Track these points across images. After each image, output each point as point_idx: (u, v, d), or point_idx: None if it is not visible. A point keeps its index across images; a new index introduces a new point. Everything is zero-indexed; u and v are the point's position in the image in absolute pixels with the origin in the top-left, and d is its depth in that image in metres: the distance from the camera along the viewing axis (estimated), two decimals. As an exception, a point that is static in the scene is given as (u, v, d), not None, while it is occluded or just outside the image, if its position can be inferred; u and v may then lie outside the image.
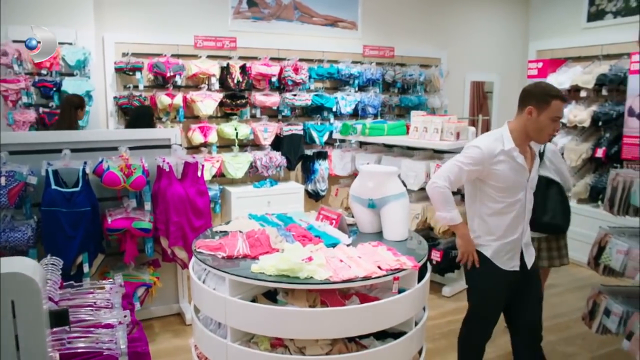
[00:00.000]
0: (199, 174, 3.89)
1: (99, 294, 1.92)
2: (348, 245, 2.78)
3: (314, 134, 6.51)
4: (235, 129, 6.11)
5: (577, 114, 5.48)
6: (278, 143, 6.40)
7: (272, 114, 6.44)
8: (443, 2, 7.52)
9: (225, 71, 6.02)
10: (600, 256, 3.16)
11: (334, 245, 2.75)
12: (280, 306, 2.47)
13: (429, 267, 2.89)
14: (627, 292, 3.18)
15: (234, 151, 6.22)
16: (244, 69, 6.08)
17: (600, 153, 5.27)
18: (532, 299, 2.81)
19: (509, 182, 2.59)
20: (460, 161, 2.60)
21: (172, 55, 5.86)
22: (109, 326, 1.68)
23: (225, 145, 6.22)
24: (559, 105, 2.51)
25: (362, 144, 5.29)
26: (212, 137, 6.00)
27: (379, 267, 2.46)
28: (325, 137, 6.56)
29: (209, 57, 6.04)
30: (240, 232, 2.98)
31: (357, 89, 6.73)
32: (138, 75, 5.65)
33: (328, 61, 6.64)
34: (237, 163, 6.13)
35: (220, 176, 6.12)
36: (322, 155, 6.57)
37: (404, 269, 2.48)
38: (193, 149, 6.03)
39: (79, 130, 4.61)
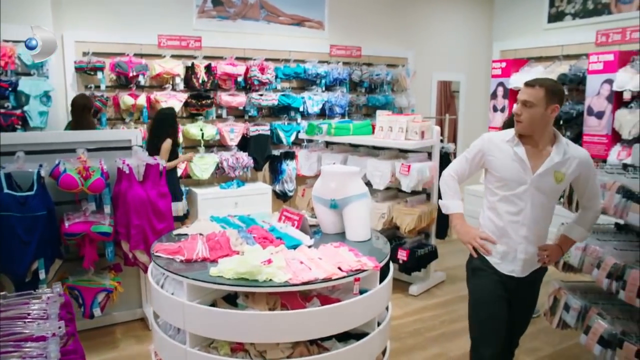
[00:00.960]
0: (160, 175, 3.80)
1: (35, 304, 1.83)
2: (310, 247, 2.75)
3: (281, 134, 6.47)
4: (201, 130, 6.03)
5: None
6: (245, 143, 6.35)
7: (239, 114, 6.37)
8: (409, 3, 7.57)
9: (190, 71, 5.94)
10: (560, 253, 3.20)
11: (295, 246, 2.72)
12: (240, 310, 2.43)
13: (392, 267, 2.88)
14: (585, 287, 3.24)
15: (200, 152, 6.14)
16: (209, 69, 6.00)
17: (561, 151, 5.37)
18: (519, 312, 2.66)
19: (505, 172, 2.47)
20: (465, 151, 2.66)
21: (135, 55, 5.74)
22: (41, 339, 1.60)
23: (191, 146, 6.13)
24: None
25: (328, 144, 5.28)
26: (178, 138, 5.89)
27: (340, 269, 2.44)
28: (293, 137, 6.53)
29: (173, 56, 5.95)
30: (201, 234, 2.93)
31: (324, 88, 6.72)
32: (100, 75, 5.52)
33: (295, 61, 6.61)
34: (203, 164, 6.05)
35: (186, 177, 6.03)
36: (290, 156, 6.54)
37: (364, 270, 2.47)
38: (158, 150, 5.92)
39: (35, 132, 4.48)
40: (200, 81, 5.93)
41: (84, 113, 4.85)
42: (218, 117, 6.28)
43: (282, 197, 6.57)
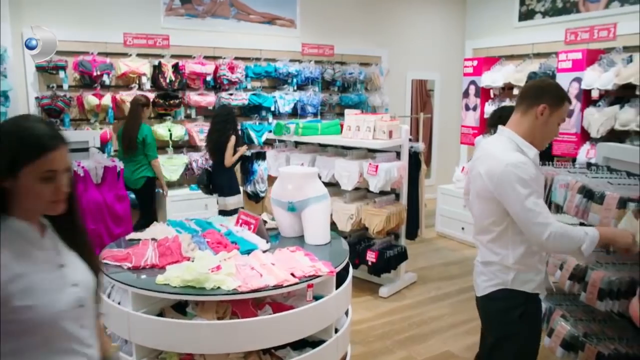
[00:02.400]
0: (118, 178, 3.68)
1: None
2: (265, 251, 2.66)
3: (252, 134, 6.36)
4: (169, 130, 5.90)
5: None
6: (215, 144, 6.21)
7: (208, 114, 6.23)
8: (382, 1, 7.50)
9: (157, 70, 5.80)
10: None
11: (250, 251, 2.63)
12: (189, 319, 2.33)
13: (351, 271, 2.81)
14: (549, 289, 3.19)
15: (169, 153, 6.00)
16: (176, 68, 5.87)
17: (532, 150, 5.35)
18: None
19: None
20: (528, 192, 2.03)
21: (100, 54, 5.59)
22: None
23: (160, 147, 5.99)
24: (567, 108, 2.21)
25: (297, 144, 5.19)
26: (145, 139, 5.75)
27: (293, 275, 2.35)
28: (264, 137, 6.42)
29: (139, 55, 5.80)
30: (154, 239, 2.82)
31: (295, 87, 6.63)
32: (62, 74, 5.35)
33: (265, 60, 6.51)
34: (171, 165, 5.92)
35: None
36: (261, 156, 6.43)
37: (319, 276, 2.39)
38: (125, 151, 5.78)
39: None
40: (167, 81, 5.80)
41: (140, 110, 5.13)
42: (187, 117, 6.15)
43: (253, 198, 6.46)
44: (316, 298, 2.46)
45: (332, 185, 4.64)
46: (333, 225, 4.69)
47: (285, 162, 5.08)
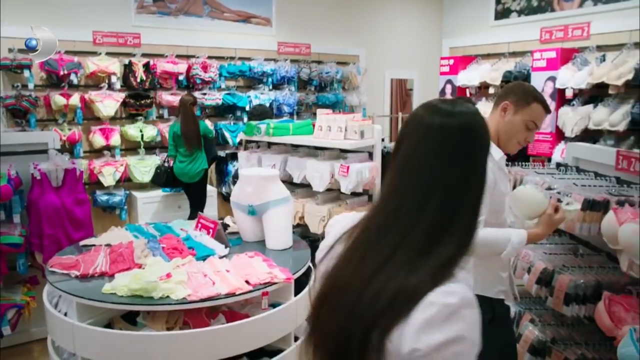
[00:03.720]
0: (79, 181, 3.55)
1: None
2: (222, 257, 2.56)
3: (227, 135, 6.24)
4: (141, 131, 5.76)
5: (487, 110, 5.49)
6: (189, 145, 6.09)
7: (182, 114, 6.10)
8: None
9: (128, 69, 5.66)
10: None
11: (206, 257, 2.52)
12: (138, 329, 2.22)
13: (313, 276, 2.71)
14: (522, 292, 3.13)
15: (140, 154, 5.86)
16: (148, 67, 5.73)
17: (508, 149, 5.30)
18: None
19: (502, 200, 2.08)
20: None
21: (67, 52, 5.43)
22: None
23: (132, 147, 5.86)
24: (540, 111, 2.09)
25: (270, 145, 5.07)
26: (115, 140, 5.62)
27: (247, 282, 2.25)
28: (239, 138, 6.30)
29: (108, 54, 5.65)
30: (108, 245, 2.70)
31: (271, 87, 6.52)
32: (27, 73, 5.19)
33: (239, 58, 6.39)
34: (143, 167, 5.78)
35: (127, 181, 5.75)
36: (236, 157, 6.30)
37: (274, 283, 2.29)
38: (95, 152, 5.64)
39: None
40: (138, 80, 5.66)
41: (189, 108, 5.35)
42: (160, 117, 6.02)
43: (228, 199, 6.32)
44: (274, 305, 2.37)
45: (305, 187, 4.55)
46: (305, 228, 4.61)
47: (257, 163, 4.97)
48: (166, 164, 5.56)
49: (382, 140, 4.46)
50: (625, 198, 2.27)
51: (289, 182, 4.84)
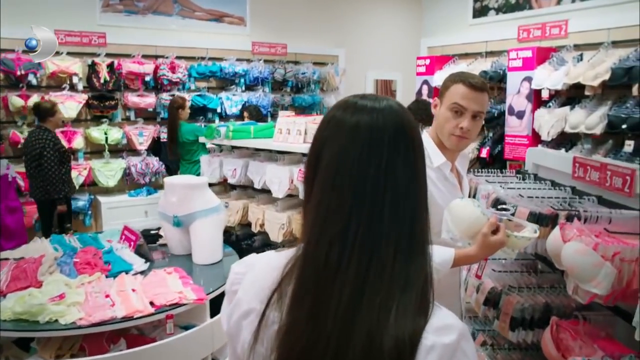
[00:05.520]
0: (10, 187, 3.33)
1: None
2: (137, 273, 2.34)
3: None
4: (105, 133, 5.56)
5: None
6: (157, 148, 5.88)
7: (149, 116, 5.90)
8: (340, -3, 7.19)
9: (91, 70, 5.45)
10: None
11: (119, 273, 2.30)
12: (29, 356, 2.00)
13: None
14: (470, 310, 2.89)
15: (105, 157, 5.65)
16: (112, 68, 5.53)
17: (484, 153, 5.06)
18: None
19: (441, 214, 1.83)
20: None
21: (26, 52, 5.22)
22: None
23: (95, 151, 5.65)
24: (461, 90, 1.80)
25: (233, 148, 4.86)
26: (78, 143, 5.43)
27: (152, 303, 2.03)
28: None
29: (71, 54, 5.44)
30: (18, 259, 2.49)
31: (244, 88, 6.30)
32: (-19, 74, 5.00)
33: (210, 59, 6.17)
34: (108, 170, 5.58)
35: (92, 185, 5.54)
36: (206, 160, 6.09)
37: (184, 304, 2.07)
38: (56, 155, 5.42)
39: None
40: (102, 81, 5.46)
41: (175, 112, 5.28)
42: (126, 119, 5.81)
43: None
44: (188, 328, 2.14)
45: (266, 192, 4.33)
46: (266, 235, 4.38)
47: (219, 167, 4.75)
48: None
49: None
50: (577, 212, 2.03)
51: (250, 188, 4.63)
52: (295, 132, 4.13)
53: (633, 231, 1.83)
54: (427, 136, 1.92)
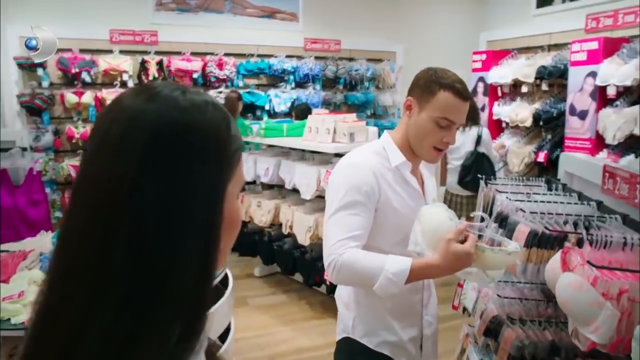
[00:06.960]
0: (35, 180, 3.43)
1: None
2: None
3: (245, 135, 5.99)
4: (154, 130, 5.66)
5: (519, 112, 4.78)
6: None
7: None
8: (398, -9, 6.86)
9: (141, 67, 5.58)
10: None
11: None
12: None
13: (230, 290, 2.35)
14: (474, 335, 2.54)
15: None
16: (161, 65, 5.62)
17: (541, 157, 4.55)
18: None
19: (400, 220, 1.60)
20: (343, 204, 1.54)
21: (83, 50, 5.44)
22: None
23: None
24: (450, 101, 1.55)
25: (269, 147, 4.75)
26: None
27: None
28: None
29: (122, 52, 5.60)
30: (20, 252, 2.50)
31: (294, 85, 6.18)
32: (40, 71, 5.25)
33: (259, 55, 6.10)
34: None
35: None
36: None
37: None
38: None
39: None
40: (150, 78, 5.57)
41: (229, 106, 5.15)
42: (176, 116, 5.88)
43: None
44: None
45: (298, 193, 4.17)
46: (296, 237, 4.22)
47: (253, 166, 4.67)
48: None
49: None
50: (590, 235, 1.65)
51: (284, 187, 4.48)
52: (324, 130, 3.94)
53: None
54: (389, 138, 1.69)
